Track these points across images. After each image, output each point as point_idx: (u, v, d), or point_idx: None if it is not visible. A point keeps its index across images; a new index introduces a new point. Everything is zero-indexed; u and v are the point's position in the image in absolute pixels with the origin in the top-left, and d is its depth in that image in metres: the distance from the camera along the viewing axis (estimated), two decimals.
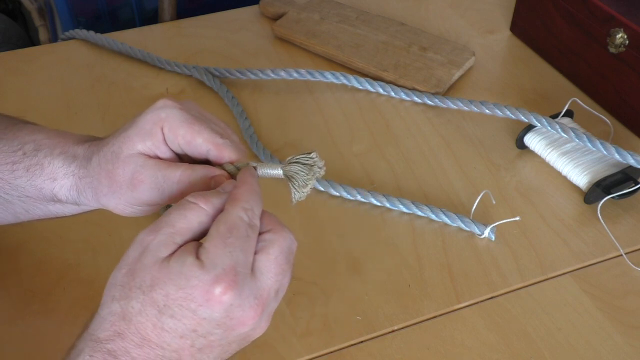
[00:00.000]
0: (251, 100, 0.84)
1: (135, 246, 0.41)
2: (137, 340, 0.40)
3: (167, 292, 0.39)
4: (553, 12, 0.86)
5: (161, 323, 0.40)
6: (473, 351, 0.58)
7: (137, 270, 0.40)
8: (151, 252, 0.40)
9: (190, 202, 0.42)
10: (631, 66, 0.76)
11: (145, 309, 0.40)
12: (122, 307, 0.40)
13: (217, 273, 0.39)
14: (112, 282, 0.41)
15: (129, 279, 0.40)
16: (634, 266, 0.65)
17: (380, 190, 0.71)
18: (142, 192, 0.46)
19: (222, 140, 0.46)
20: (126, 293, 0.40)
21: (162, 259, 0.40)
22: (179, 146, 0.46)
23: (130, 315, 0.40)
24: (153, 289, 0.40)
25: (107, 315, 0.40)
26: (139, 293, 0.40)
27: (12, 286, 0.62)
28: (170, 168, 0.46)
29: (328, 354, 0.58)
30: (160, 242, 0.41)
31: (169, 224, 0.41)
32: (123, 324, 0.40)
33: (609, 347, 0.59)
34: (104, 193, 0.48)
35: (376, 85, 0.84)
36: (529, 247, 0.67)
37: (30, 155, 0.50)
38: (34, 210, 0.53)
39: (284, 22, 0.94)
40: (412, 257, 0.66)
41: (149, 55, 0.88)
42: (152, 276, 0.40)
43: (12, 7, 1.45)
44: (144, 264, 0.40)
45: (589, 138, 0.70)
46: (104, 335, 0.40)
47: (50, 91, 0.85)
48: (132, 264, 0.41)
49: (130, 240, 0.65)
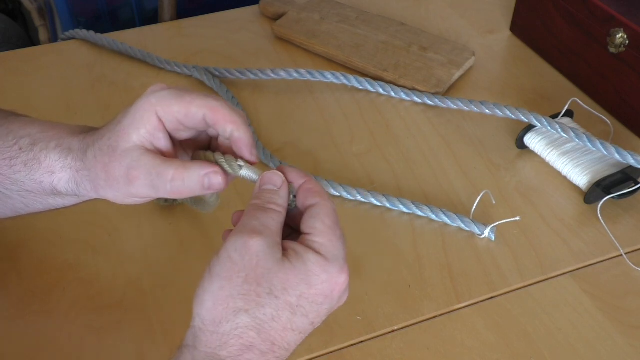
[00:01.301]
0: (251, 100, 0.84)
1: (239, 253, 0.41)
2: (265, 348, 0.40)
3: (301, 292, 0.41)
4: (553, 12, 0.86)
5: (291, 324, 0.41)
6: (473, 351, 0.58)
7: (260, 276, 0.40)
8: (266, 255, 0.40)
9: (267, 208, 0.43)
10: (631, 66, 0.76)
11: (279, 313, 0.40)
12: (252, 318, 0.40)
13: (341, 264, 0.43)
14: (226, 294, 0.40)
15: (253, 286, 0.40)
16: (634, 266, 0.65)
17: (380, 190, 0.71)
18: (137, 188, 0.46)
19: (215, 102, 0.46)
20: (255, 301, 0.40)
21: (281, 260, 0.41)
22: (178, 121, 0.46)
23: (262, 324, 0.40)
24: (286, 292, 0.40)
25: (232, 330, 0.40)
26: (271, 298, 0.40)
27: (12, 286, 0.62)
28: (164, 165, 0.45)
29: (328, 354, 0.58)
30: (269, 244, 0.41)
31: (265, 226, 0.42)
32: (253, 335, 0.40)
33: (609, 347, 0.59)
34: (102, 186, 0.48)
35: (376, 85, 0.84)
36: (529, 247, 0.67)
37: (27, 150, 0.50)
38: (33, 205, 0.53)
39: (284, 22, 0.94)
40: (412, 257, 0.66)
41: (149, 55, 0.88)
42: (280, 279, 0.40)
43: (12, 7, 1.45)
44: (266, 268, 0.40)
45: (589, 138, 0.70)
46: (229, 352, 0.40)
47: (50, 91, 0.85)
48: (249, 270, 0.40)
49: (130, 240, 0.66)
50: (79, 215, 0.68)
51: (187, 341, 0.42)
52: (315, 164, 0.75)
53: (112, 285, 0.62)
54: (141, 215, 0.68)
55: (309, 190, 0.45)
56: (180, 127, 0.47)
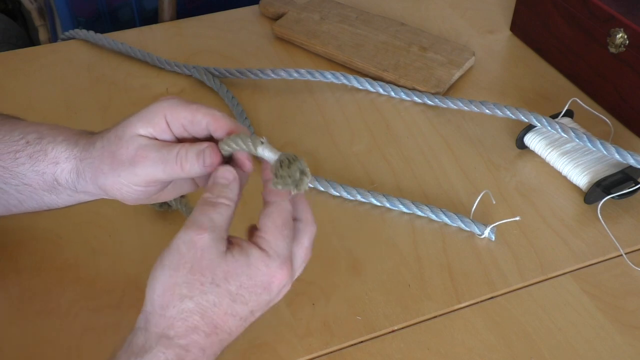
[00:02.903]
0: (251, 100, 0.84)
1: (187, 246, 0.44)
2: (208, 330, 0.44)
3: (241, 282, 0.45)
4: (553, 12, 0.86)
5: (232, 309, 0.45)
6: (473, 351, 0.58)
7: (204, 267, 0.44)
8: (211, 249, 0.44)
9: (216, 202, 0.46)
10: (631, 66, 0.76)
11: (220, 299, 0.44)
12: (196, 303, 0.44)
13: (281, 261, 0.46)
14: (173, 282, 0.44)
15: (197, 275, 0.44)
16: (634, 266, 0.65)
17: (380, 190, 0.71)
18: (144, 168, 0.49)
19: (219, 113, 0.49)
20: (198, 289, 0.44)
21: (224, 253, 0.45)
22: (184, 128, 0.49)
23: (205, 309, 0.44)
24: (227, 281, 0.44)
25: (177, 314, 0.44)
26: (213, 286, 0.44)
27: (12, 286, 0.62)
28: (172, 145, 0.49)
29: (328, 354, 0.58)
30: (215, 239, 0.45)
31: (212, 222, 0.45)
32: (197, 318, 0.44)
33: (609, 347, 0.59)
34: (104, 172, 0.50)
35: (376, 85, 0.84)
36: (529, 247, 0.67)
37: (34, 143, 0.52)
38: (28, 202, 0.54)
39: (284, 22, 0.94)
40: (412, 257, 0.66)
41: (149, 55, 0.88)
42: (222, 270, 0.44)
43: (12, 7, 1.46)
44: (210, 260, 0.44)
45: (589, 138, 0.70)
46: (176, 332, 0.44)
47: (50, 91, 0.85)
48: (194, 262, 0.44)
49: (130, 240, 0.66)
50: (79, 215, 0.68)
51: (139, 324, 0.45)
52: (315, 164, 0.75)
53: (112, 285, 0.62)
54: (141, 215, 0.68)
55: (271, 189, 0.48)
56: (185, 133, 0.50)
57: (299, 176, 0.46)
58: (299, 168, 0.46)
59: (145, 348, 0.43)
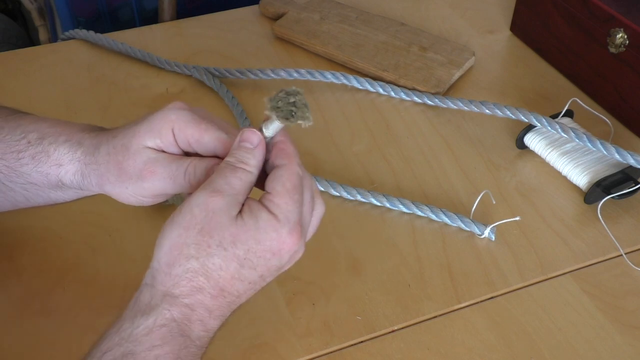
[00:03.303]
0: (251, 100, 0.84)
1: (200, 208, 0.44)
2: (215, 292, 0.44)
3: (249, 246, 0.44)
4: (553, 12, 0.86)
5: (239, 274, 0.44)
6: (473, 351, 0.58)
7: (213, 229, 0.43)
8: (223, 212, 0.43)
9: (237, 167, 0.45)
10: (631, 66, 0.76)
11: (227, 263, 0.44)
12: (201, 264, 0.43)
13: (291, 226, 0.44)
14: (182, 241, 0.43)
15: (206, 237, 0.43)
16: (634, 266, 0.65)
17: (380, 190, 0.71)
18: (152, 182, 0.48)
19: (226, 137, 0.48)
20: (205, 250, 0.43)
21: (235, 217, 0.44)
22: (189, 145, 0.49)
23: (210, 271, 0.44)
24: (235, 245, 0.43)
25: (183, 273, 0.43)
26: (220, 250, 0.43)
27: (12, 286, 0.62)
28: (181, 159, 0.48)
29: (328, 354, 0.58)
30: (229, 203, 0.44)
31: (229, 185, 0.44)
32: (202, 279, 0.43)
33: (609, 347, 0.59)
34: (111, 182, 0.50)
35: (376, 85, 0.84)
36: (529, 247, 0.67)
37: (35, 143, 0.52)
38: (34, 199, 0.54)
39: (284, 22, 0.94)
40: (412, 257, 0.66)
41: (149, 55, 0.88)
42: (231, 233, 0.43)
43: (12, 7, 1.46)
44: (220, 222, 0.43)
45: (589, 138, 0.70)
46: (181, 291, 0.43)
47: (50, 91, 0.85)
48: (204, 224, 0.43)
49: (130, 240, 0.66)
50: (79, 215, 0.68)
51: (146, 280, 0.45)
52: (315, 164, 0.75)
53: (112, 285, 0.62)
54: (141, 215, 0.68)
55: (281, 150, 0.47)
56: (190, 148, 0.49)
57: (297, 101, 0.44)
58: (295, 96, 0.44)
59: (151, 305, 0.44)
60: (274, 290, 0.62)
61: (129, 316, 0.44)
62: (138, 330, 0.43)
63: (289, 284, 0.62)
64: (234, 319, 0.48)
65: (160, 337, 0.43)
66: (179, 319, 0.43)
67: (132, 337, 0.43)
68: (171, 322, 0.43)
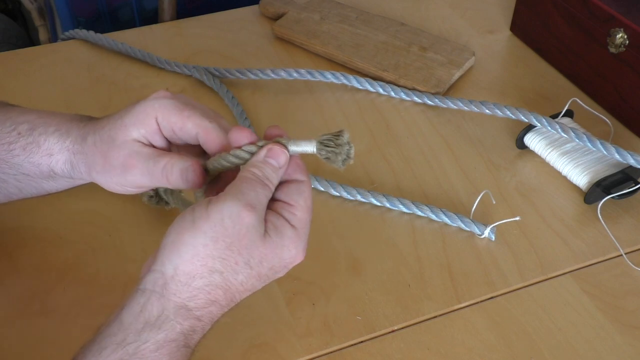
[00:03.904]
0: (251, 100, 0.84)
1: (232, 220, 0.43)
2: (225, 303, 0.44)
3: (272, 264, 0.45)
4: (553, 12, 0.86)
5: (253, 287, 0.45)
6: (473, 351, 0.58)
7: (243, 247, 0.43)
8: (255, 230, 0.43)
9: (265, 184, 0.45)
10: (631, 66, 0.76)
11: (248, 280, 0.44)
12: (224, 279, 0.43)
13: (305, 244, 0.46)
14: (208, 253, 0.43)
15: (235, 254, 0.43)
16: (634, 266, 0.65)
17: (380, 190, 0.71)
18: (133, 176, 0.49)
19: (210, 124, 0.49)
20: (232, 267, 0.43)
21: (262, 235, 0.44)
22: (174, 132, 0.49)
23: (231, 285, 0.44)
24: (261, 264, 0.44)
25: (203, 286, 0.43)
26: (247, 268, 0.44)
27: (12, 286, 0.62)
28: (160, 155, 0.49)
29: (328, 354, 0.58)
30: (259, 220, 0.44)
31: (260, 202, 0.44)
32: (220, 293, 0.43)
33: (609, 347, 0.59)
34: (97, 171, 0.51)
35: (376, 85, 0.84)
36: (529, 247, 0.67)
37: (26, 135, 0.52)
38: (27, 189, 0.55)
39: (284, 22, 0.94)
40: (412, 257, 0.66)
41: (149, 55, 0.88)
42: (260, 253, 0.44)
43: (12, 7, 1.46)
44: (251, 241, 0.43)
45: (589, 138, 0.70)
46: (196, 304, 0.43)
47: (50, 91, 0.85)
48: (234, 239, 0.43)
49: (130, 241, 0.66)
50: (79, 215, 0.68)
51: (151, 286, 0.43)
52: (315, 164, 0.75)
53: (112, 285, 0.62)
54: (141, 215, 0.68)
55: (298, 165, 0.48)
56: (175, 137, 0.50)
57: (348, 148, 0.47)
58: (346, 141, 0.47)
59: (162, 319, 0.42)
60: (274, 290, 0.62)
61: (134, 327, 0.42)
62: (146, 345, 0.42)
63: (289, 284, 0.62)
64: (234, 319, 0.48)
65: (168, 353, 0.42)
66: (186, 332, 0.43)
67: (139, 353, 0.41)
68: (180, 336, 0.42)
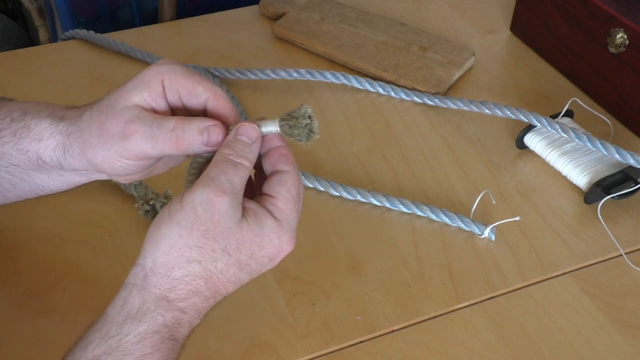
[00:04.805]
0: (251, 100, 0.84)
1: (204, 207, 0.42)
2: (208, 295, 0.43)
3: (252, 252, 0.44)
4: (553, 12, 0.86)
5: (236, 278, 0.44)
6: (473, 351, 0.58)
7: (218, 233, 0.43)
8: (229, 215, 0.43)
9: (237, 162, 0.44)
10: (631, 66, 0.76)
11: (228, 268, 0.43)
12: (203, 268, 0.43)
13: (291, 234, 0.45)
14: (184, 242, 0.42)
15: (210, 241, 0.42)
16: (634, 266, 0.65)
17: (380, 190, 0.71)
18: (134, 142, 0.46)
19: (221, 92, 0.47)
20: (209, 254, 0.43)
21: (240, 221, 0.43)
22: (179, 97, 0.47)
23: (211, 274, 0.43)
24: (239, 251, 0.43)
25: (182, 277, 0.42)
26: (224, 255, 0.43)
27: (12, 286, 0.62)
28: (164, 118, 0.46)
29: (328, 354, 0.58)
30: (232, 204, 0.43)
31: (232, 184, 0.43)
32: (201, 282, 0.43)
33: (609, 347, 0.59)
34: (93, 145, 0.47)
35: (376, 85, 0.84)
36: (529, 247, 0.67)
37: (18, 120, 0.50)
38: (20, 184, 0.52)
39: (284, 22, 0.94)
40: (412, 257, 0.66)
41: (149, 55, 0.88)
42: (236, 239, 0.43)
43: (12, 7, 1.45)
44: (226, 226, 0.43)
45: (589, 138, 0.70)
46: (177, 294, 0.42)
47: (50, 91, 0.85)
48: (209, 226, 0.42)
49: (130, 241, 0.66)
50: (79, 216, 0.68)
51: (133, 279, 0.43)
52: (315, 164, 0.75)
53: (112, 285, 0.62)
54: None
55: (283, 155, 0.47)
56: (179, 102, 0.47)
57: (308, 122, 0.46)
58: (306, 114, 0.45)
59: (143, 311, 0.42)
60: (274, 290, 0.62)
61: (116, 320, 0.42)
62: (128, 338, 0.41)
63: (289, 284, 0.62)
64: (234, 319, 0.48)
65: (151, 345, 0.42)
66: (170, 324, 0.42)
67: (122, 345, 0.41)
68: (163, 328, 0.42)
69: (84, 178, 0.52)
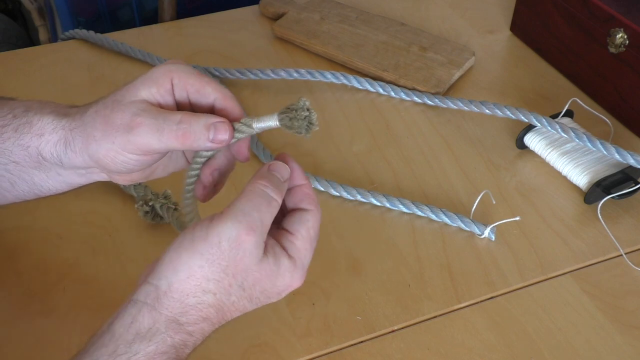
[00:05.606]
0: (251, 100, 0.84)
1: (230, 244, 0.43)
2: (216, 321, 0.45)
3: (264, 288, 0.45)
4: (553, 12, 0.86)
5: (244, 309, 0.45)
6: (473, 351, 0.58)
7: (239, 270, 0.44)
8: (252, 254, 0.44)
9: (272, 199, 0.45)
10: (631, 66, 0.76)
11: (241, 301, 0.45)
12: (217, 300, 0.44)
13: (303, 272, 0.46)
14: (203, 274, 0.43)
15: (229, 276, 0.43)
16: (634, 266, 0.65)
17: (380, 190, 0.71)
18: (139, 135, 0.45)
19: (230, 93, 0.48)
20: (225, 289, 0.44)
21: (260, 260, 0.44)
22: (187, 95, 0.48)
23: (223, 305, 0.44)
24: (254, 287, 0.45)
25: (196, 304, 0.43)
26: (240, 290, 0.44)
27: (12, 286, 0.62)
28: (171, 112, 0.46)
29: (328, 354, 0.58)
30: (258, 244, 0.44)
31: (262, 222, 0.44)
32: (212, 311, 0.44)
33: (609, 347, 0.59)
34: (96, 138, 0.47)
35: (376, 85, 0.84)
36: (529, 247, 0.67)
37: (20, 116, 0.50)
38: (19, 184, 0.52)
39: (284, 22, 0.94)
40: (412, 257, 0.66)
41: (149, 55, 0.88)
42: (254, 277, 0.44)
43: (12, 7, 1.45)
44: (246, 265, 0.44)
45: (589, 138, 0.70)
46: (187, 319, 0.43)
47: (50, 91, 0.85)
48: (230, 262, 0.43)
49: (130, 241, 0.66)
50: (79, 216, 0.68)
51: (144, 297, 0.43)
52: (315, 164, 0.75)
53: (112, 285, 0.62)
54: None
55: (307, 195, 0.48)
56: (186, 101, 0.48)
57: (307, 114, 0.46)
58: (305, 106, 0.46)
59: (153, 331, 0.42)
60: None
61: (124, 338, 0.42)
62: (137, 357, 0.42)
63: None
64: (234, 319, 0.48)
65: None
66: (177, 345, 0.43)
67: None
68: (171, 349, 0.43)
69: (83, 179, 0.51)
